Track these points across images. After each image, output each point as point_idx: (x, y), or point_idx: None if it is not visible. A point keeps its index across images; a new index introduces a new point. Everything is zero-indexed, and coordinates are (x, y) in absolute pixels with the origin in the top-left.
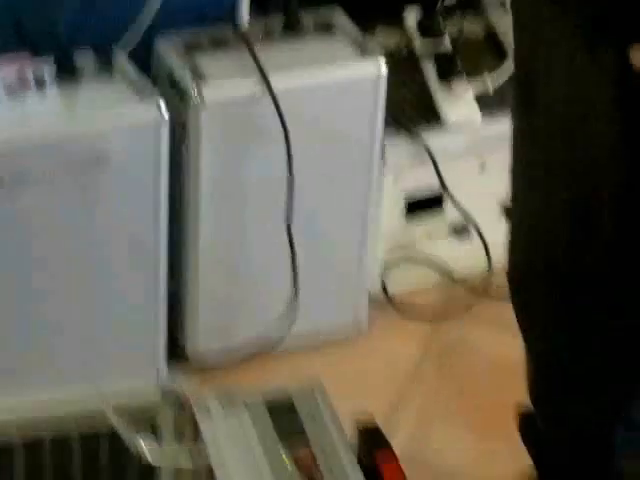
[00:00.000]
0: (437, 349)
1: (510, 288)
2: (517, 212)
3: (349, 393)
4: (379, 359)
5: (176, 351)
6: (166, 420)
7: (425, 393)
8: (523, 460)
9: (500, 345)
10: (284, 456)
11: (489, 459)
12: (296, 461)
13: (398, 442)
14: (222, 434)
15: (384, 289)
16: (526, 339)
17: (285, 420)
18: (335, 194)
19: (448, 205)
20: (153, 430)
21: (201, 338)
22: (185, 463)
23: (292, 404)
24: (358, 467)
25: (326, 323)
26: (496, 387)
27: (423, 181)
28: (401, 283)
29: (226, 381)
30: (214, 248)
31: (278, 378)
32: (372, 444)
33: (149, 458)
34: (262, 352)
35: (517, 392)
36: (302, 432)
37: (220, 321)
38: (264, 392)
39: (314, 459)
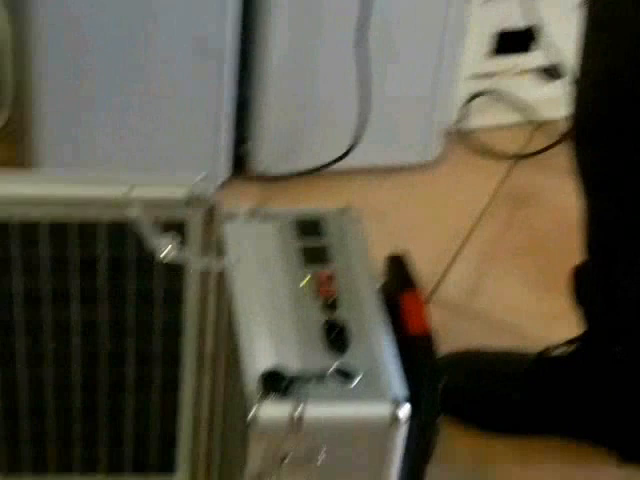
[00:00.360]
0: (508, 193)
1: (574, 145)
2: (584, 64)
3: (405, 225)
4: (446, 195)
5: (239, 163)
6: (194, 223)
7: (488, 239)
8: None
9: (574, 198)
10: (302, 271)
11: (545, 320)
12: (313, 277)
13: (449, 288)
14: (245, 243)
15: (461, 122)
16: (585, 197)
17: (311, 239)
18: (413, 13)
19: (538, 42)
20: (181, 233)
21: (265, 151)
22: (208, 266)
23: (322, 225)
24: (376, 292)
25: (394, 150)
26: (564, 244)
27: (515, 12)
28: (480, 118)
29: (283, 197)
30: (284, 60)
31: (337, 200)
32: (396, 274)
33: (169, 257)
34: (326, 172)
35: None
36: (325, 253)
37: (286, 136)
38: (296, 210)
39: (332, 279)
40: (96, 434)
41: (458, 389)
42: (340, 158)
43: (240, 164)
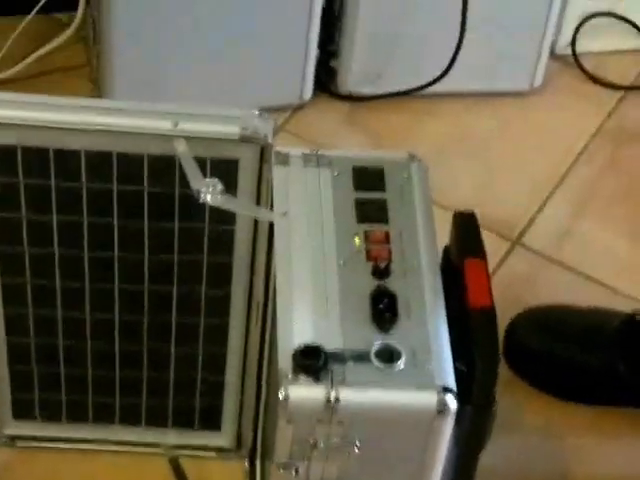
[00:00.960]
0: (615, 128)
1: None
2: None
3: (498, 158)
4: (546, 126)
5: (325, 81)
6: (245, 164)
7: (586, 180)
8: None
9: None
10: (355, 228)
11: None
12: (367, 236)
13: (539, 232)
14: (296, 191)
15: (573, 45)
16: None
17: (369, 190)
18: None
19: None
20: (230, 173)
21: (354, 69)
22: (254, 214)
23: (384, 175)
24: (436, 260)
25: (495, 74)
26: None
27: None
28: (594, 42)
29: (370, 119)
30: None
31: (427, 126)
32: (463, 234)
33: (212, 200)
34: (419, 95)
35: None
36: (384, 208)
37: (377, 53)
38: (356, 156)
39: (388, 239)
40: (137, 383)
41: (534, 351)
42: (435, 81)
43: (327, 82)
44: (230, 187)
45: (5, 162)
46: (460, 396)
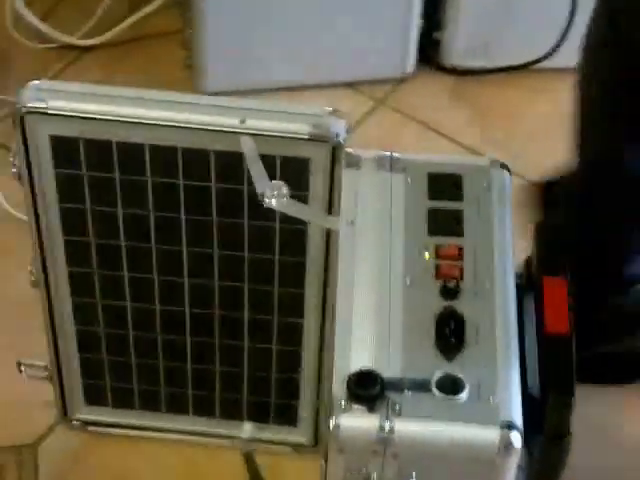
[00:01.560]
0: None
1: None
2: None
3: None
4: None
5: (429, 54)
6: (316, 167)
7: None
8: None
9: None
10: (426, 240)
11: None
12: (438, 250)
13: None
14: (366, 195)
15: None
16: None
17: (444, 201)
18: None
19: None
20: (300, 173)
21: (459, 41)
22: (322, 221)
23: (460, 183)
24: (511, 275)
25: None
26: None
27: None
28: None
29: (475, 95)
30: None
31: (534, 105)
32: (543, 247)
33: (276, 205)
34: (526, 69)
35: None
36: (459, 219)
37: (484, 25)
38: (432, 160)
39: (460, 255)
40: (210, 376)
41: None
42: (546, 56)
43: (431, 54)
44: (300, 187)
45: (68, 154)
46: (532, 425)
